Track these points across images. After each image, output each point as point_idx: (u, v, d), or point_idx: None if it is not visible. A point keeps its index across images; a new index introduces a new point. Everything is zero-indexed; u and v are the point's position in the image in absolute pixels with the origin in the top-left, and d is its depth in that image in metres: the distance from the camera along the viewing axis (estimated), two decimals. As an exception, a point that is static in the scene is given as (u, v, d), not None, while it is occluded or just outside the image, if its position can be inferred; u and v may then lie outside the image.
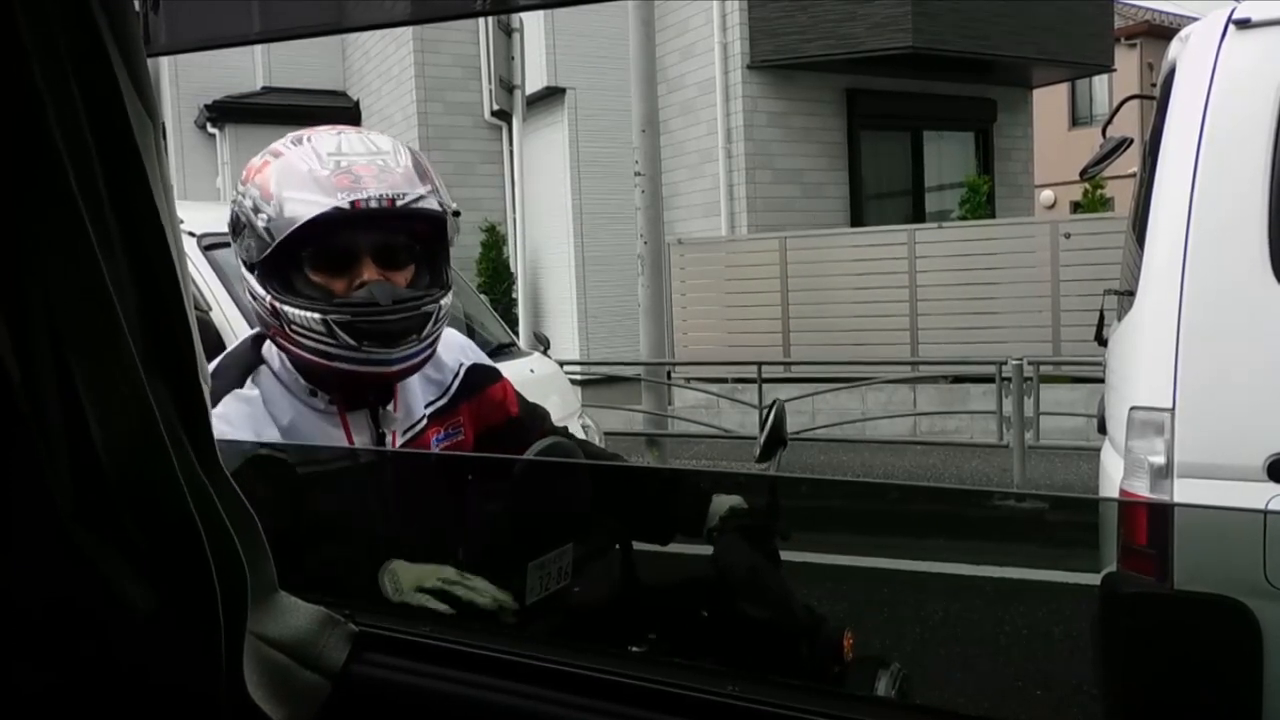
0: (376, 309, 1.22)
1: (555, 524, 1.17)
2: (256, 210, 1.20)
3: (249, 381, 1.28)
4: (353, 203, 1.18)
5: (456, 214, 1.34)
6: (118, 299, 0.59)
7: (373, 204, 1.19)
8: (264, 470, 1.17)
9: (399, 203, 1.21)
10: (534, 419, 1.54)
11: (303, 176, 1.20)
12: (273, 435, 1.24)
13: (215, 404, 1.20)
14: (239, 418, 1.23)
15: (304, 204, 1.18)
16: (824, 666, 1.19)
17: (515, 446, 1.43)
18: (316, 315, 1.20)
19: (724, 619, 1.19)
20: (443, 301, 1.30)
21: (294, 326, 1.21)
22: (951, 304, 8.90)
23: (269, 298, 1.22)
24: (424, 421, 1.39)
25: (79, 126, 0.56)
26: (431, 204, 1.25)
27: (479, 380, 1.47)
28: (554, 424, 1.60)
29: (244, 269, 1.25)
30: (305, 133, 1.27)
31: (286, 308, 1.21)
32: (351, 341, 1.21)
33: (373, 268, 1.24)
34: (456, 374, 1.44)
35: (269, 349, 1.31)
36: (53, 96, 0.55)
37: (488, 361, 1.53)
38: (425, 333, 1.27)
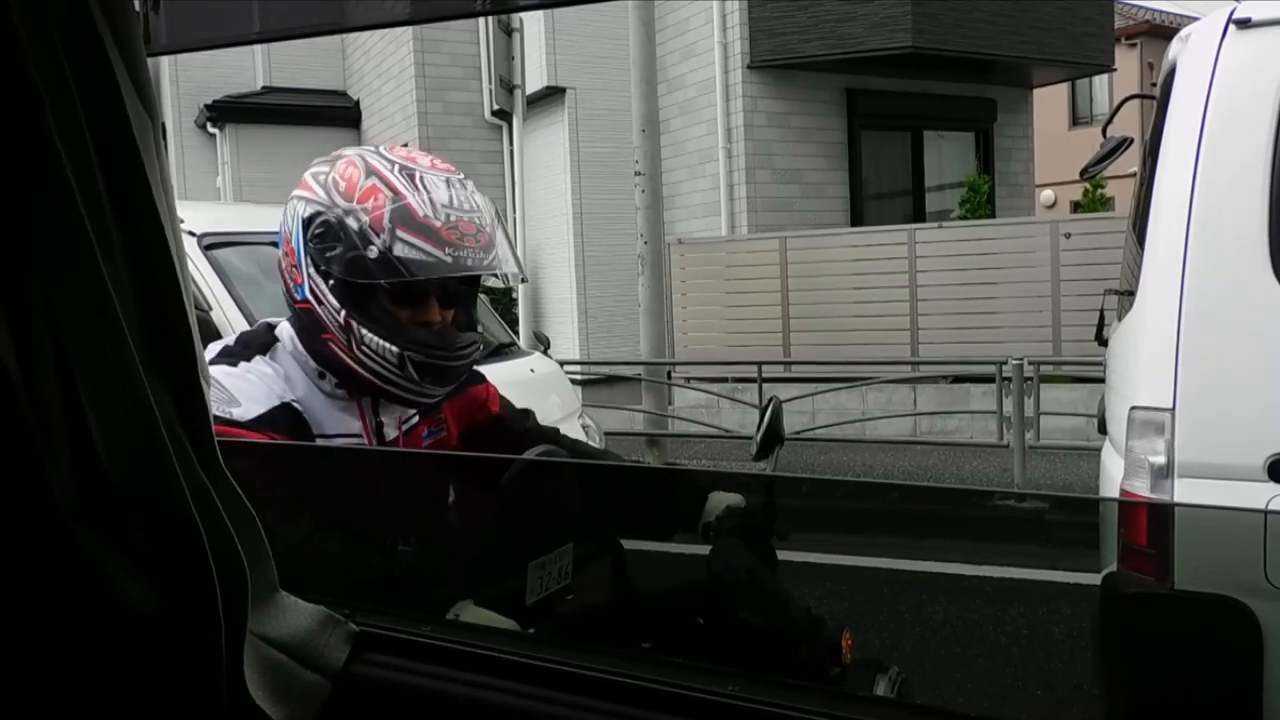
0: (444, 353, 1.34)
1: (551, 526, 1.17)
2: (364, 236, 1.27)
3: (269, 354, 1.36)
4: (456, 259, 1.28)
5: (524, 280, 1.44)
6: (118, 299, 0.59)
7: (470, 264, 1.30)
8: (270, 456, 1.22)
9: (485, 264, 1.32)
10: (516, 417, 1.61)
11: (419, 224, 1.28)
12: (291, 400, 1.32)
13: (249, 360, 1.32)
14: (269, 376, 1.32)
15: (417, 250, 1.27)
16: (823, 668, 1.18)
17: (497, 442, 1.53)
18: (394, 349, 1.30)
19: (720, 624, 1.18)
20: (480, 345, 1.43)
21: (365, 349, 1.30)
22: (951, 304, 8.89)
23: (344, 314, 1.30)
24: (415, 418, 1.46)
25: (78, 126, 0.56)
26: (508, 265, 1.37)
27: (464, 380, 1.54)
28: (539, 423, 1.65)
29: (312, 266, 1.31)
30: (415, 168, 1.33)
31: (365, 331, 1.30)
32: (415, 376, 1.32)
33: (437, 308, 1.34)
34: None
35: (282, 330, 1.39)
36: (51, 96, 0.55)
37: None
38: (464, 374, 1.42)
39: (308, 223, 1.32)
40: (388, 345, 1.29)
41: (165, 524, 0.65)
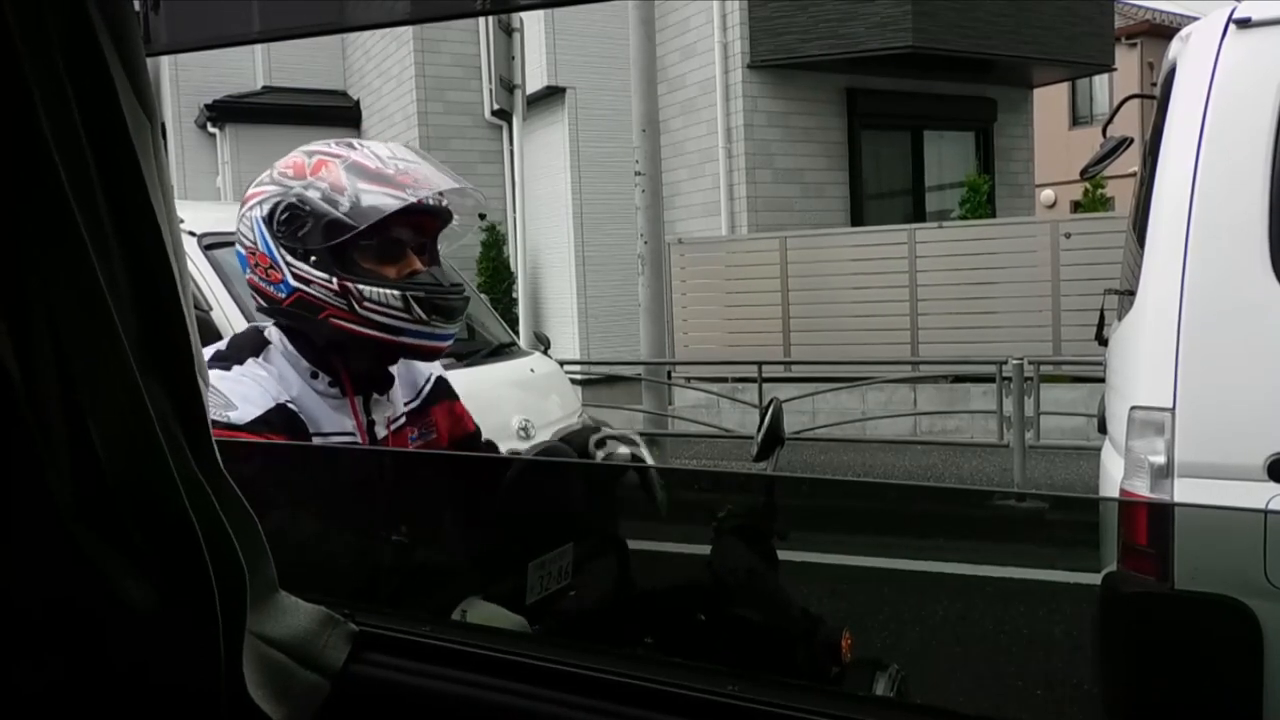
0: (442, 289, 1.38)
1: (550, 525, 1.18)
2: (329, 200, 1.32)
3: (262, 356, 1.38)
4: (420, 197, 1.34)
5: (482, 216, 1.46)
6: (113, 300, 0.59)
7: (432, 200, 1.37)
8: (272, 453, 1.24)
9: (445, 201, 1.40)
10: (483, 443, 1.65)
11: (373, 174, 1.34)
12: (286, 400, 1.34)
13: (242, 363, 1.34)
14: (264, 378, 1.34)
15: (381, 196, 1.32)
16: (822, 668, 1.18)
17: None
18: (395, 292, 1.34)
19: (720, 622, 1.19)
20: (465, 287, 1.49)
21: (367, 304, 1.33)
22: (951, 303, 8.89)
23: (336, 280, 1.33)
24: (403, 419, 1.50)
25: (73, 127, 0.56)
26: (470, 196, 1.44)
27: (447, 391, 1.60)
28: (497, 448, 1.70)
29: (288, 255, 1.34)
30: (351, 140, 1.41)
31: (362, 286, 1.33)
32: (423, 316, 1.35)
33: (415, 259, 1.39)
34: (428, 380, 1.58)
35: (272, 333, 1.41)
36: (45, 96, 0.55)
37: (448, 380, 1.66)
38: (464, 312, 1.45)
39: (269, 217, 1.35)
40: (389, 291, 1.33)
41: (163, 524, 0.65)
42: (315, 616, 0.79)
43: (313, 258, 1.33)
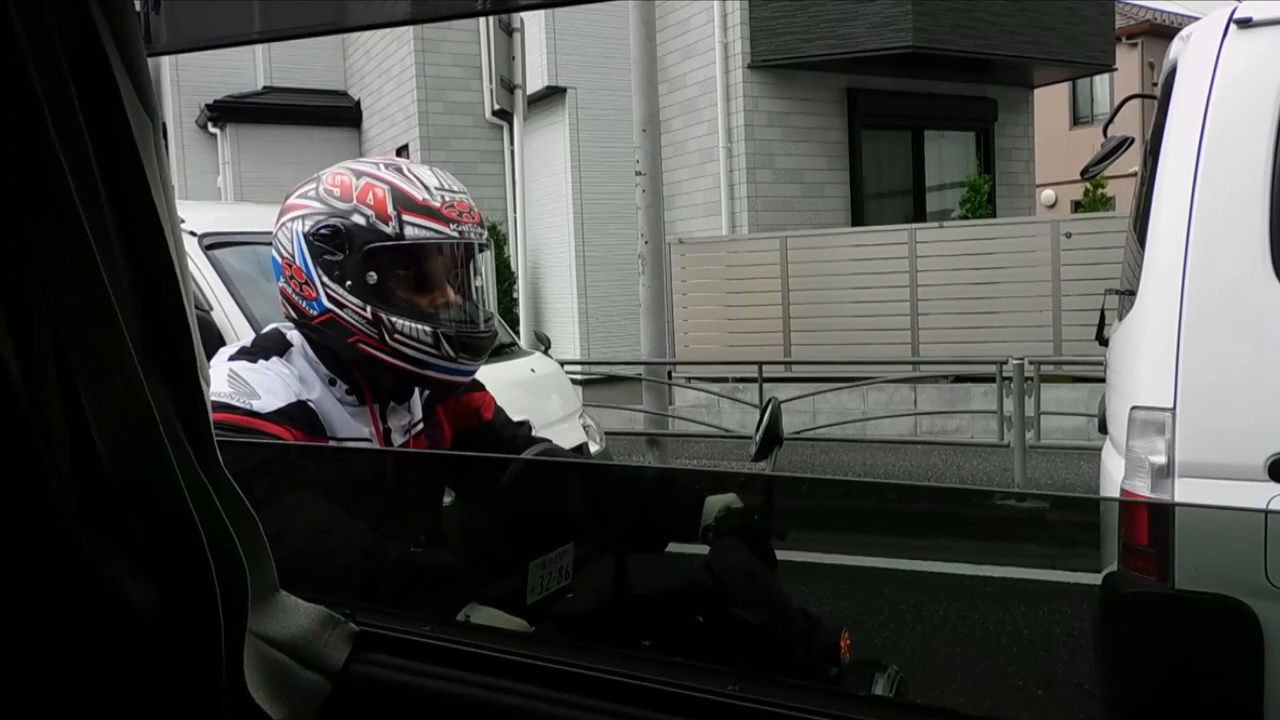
0: (473, 327, 1.40)
1: (549, 527, 1.18)
2: (373, 229, 1.33)
3: (285, 356, 1.39)
4: (461, 233, 1.36)
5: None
6: (117, 300, 0.59)
7: (473, 237, 1.38)
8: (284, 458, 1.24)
9: (484, 238, 1.42)
10: (508, 425, 1.64)
11: (421, 206, 1.34)
12: (307, 399, 1.35)
13: (268, 357, 1.35)
14: (288, 375, 1.35)
15: (426, 230, 1.33)
16: (821, 669, 1.18)
17: (486, 450, 1.56)
18: (428, 328, 1.35)
19: (719, 625, 1.18)
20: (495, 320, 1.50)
21: (398, 336, 1.34)
22: (952, 303, 8.89)
23: (370, 309, 1.34)
24: (420, 425, 1.50)
25: (76, 127, 0.56)
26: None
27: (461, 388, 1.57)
28: (530, 434, 1.66)
29: (324, 275, 1.35)
30: (399, 163, 1.40)
31: (396, 319, 1.34)
32: (451, 353, 1.36)
33: (449, 290, 1.39)
34: None
35: (294, 336, 1.42)
36: (49, 97, 0.55)
37: None
38: (491, 347, 1.46)
39: (311, 235, 1.35)
40: (422, 327, 1.34)
41: (164, 524, 0.65)
42: (316, 616, 0.79)
43: (349, 282, 1.34)
